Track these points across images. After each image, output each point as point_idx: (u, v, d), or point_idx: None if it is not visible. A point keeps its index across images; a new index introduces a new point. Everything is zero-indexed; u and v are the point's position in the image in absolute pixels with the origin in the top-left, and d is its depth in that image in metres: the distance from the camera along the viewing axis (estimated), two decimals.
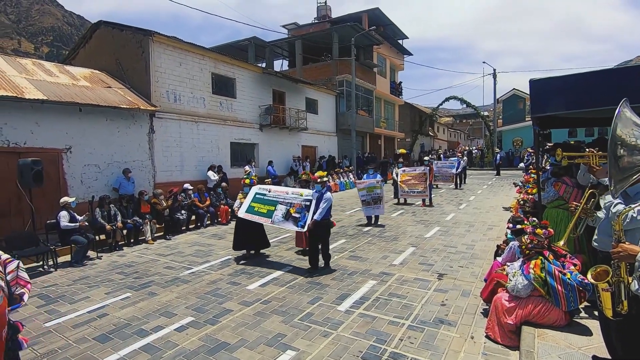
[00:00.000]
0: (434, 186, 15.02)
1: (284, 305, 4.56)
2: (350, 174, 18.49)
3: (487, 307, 3.93)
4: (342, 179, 17.63)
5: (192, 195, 9.92)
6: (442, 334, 3.70)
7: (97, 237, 7.45)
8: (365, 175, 10.56)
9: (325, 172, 6.44)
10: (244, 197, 6.81)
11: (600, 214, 2.95)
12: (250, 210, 6.46)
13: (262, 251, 6.99)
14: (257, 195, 6.60)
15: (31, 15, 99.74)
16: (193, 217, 9.78)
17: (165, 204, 9.03)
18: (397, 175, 12.56)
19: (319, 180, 6.02)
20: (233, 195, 11.64)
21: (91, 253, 7.24)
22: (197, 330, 3.95)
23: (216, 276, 5.79)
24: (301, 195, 6.12)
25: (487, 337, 3.58)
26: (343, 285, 5.18)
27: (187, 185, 9.99)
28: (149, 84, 10.86)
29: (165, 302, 4.79)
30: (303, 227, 5.75)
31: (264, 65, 22.39)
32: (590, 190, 3.33)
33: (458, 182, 16.95)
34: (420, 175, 11.96)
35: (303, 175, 7.64)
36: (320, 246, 5.91)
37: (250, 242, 6.73)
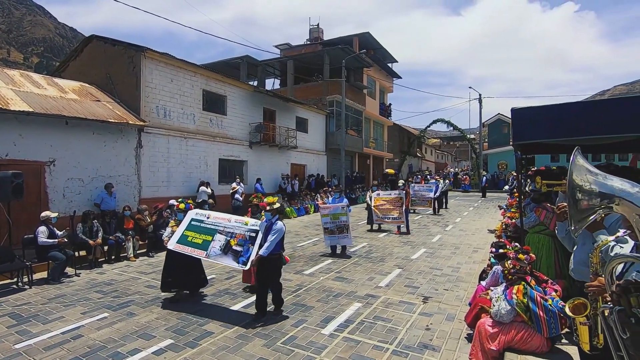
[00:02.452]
0: (411, 211, 14.20)
1: (267, 327, 4.46)
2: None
3: (472, 332, 3.92)
4: (330, 198, 17.65)
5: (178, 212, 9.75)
6: None
7: (76, 254, 7.23)
8: (330, 199, 9.17)
9: (277, 198, 5.18)
10: (177, 225, 5.61)
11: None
12: (182, 240, 5.29)
13: (199, 290, 5.77)
14: (192, 222, 5.46)
15: (22, 26, 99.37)
16: None
17: (149, 220, 8.85)
18: (370, 200, 11.46)
19: (268, 207, 4.93)
20: (220, 211, 11.52)
21: (69, 270, 7.00)
22: (175, 354, 3.82)
23: (198, 296, 5.64)
24: (246, 224, 5.14)
25: None
26: (328, 307, 5.12)
27: (172, 201, 9.82)
28: (139, 99, 10.85)
29: (144, 323, 4.63)
30: (245, 264, 4.74)
31: (255, 83, 22.68)
32: None
33: (436, 207, 15.82)
34: (396, 200, 10.90)
35: (254, 199, 6.01)
36: (270, 287, 4.90)
37: (185, 280, 5.47)
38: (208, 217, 5.46)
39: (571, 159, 1.04)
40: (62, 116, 8.58)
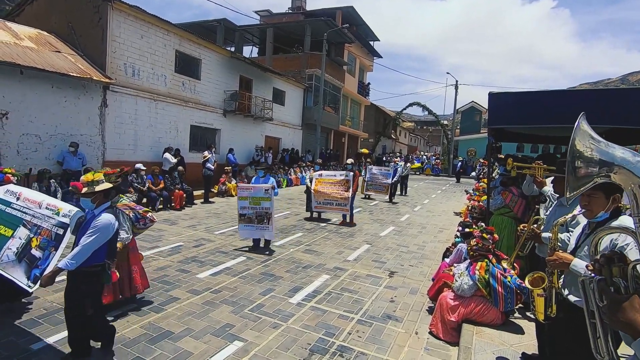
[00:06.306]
0: (366, 196, 13.48)
1: (235, 295, 4.46)
2: (311, 169, 18.54)
3: (433, 305, 4.11)
4: (303, 173, 17.66)
5: (145, 177, 9.39)
6: (388, 329, 3.82)
7: None
8: (254, 178, 7.21)
9: (101, 174, 3.11)
10: None
11: (546, 235, 3.05)
12: None
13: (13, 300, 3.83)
14: None
15: None
16: (144, 200, 9.26)
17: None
18: (311, 181, 9.38)
19: (84, 189, 2.96)
20: (190, 180, 11.21)
21: None
22: (139, 318, 3.74)
23: (165, 262, 5.53)
24: (57, 212, 3.12)
25: (430, 333, 3.74)
26: (297, 278, 5.18)
27: (139, 166, 9.42)
28: (105, 53, 10.08)
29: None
30: (34, 282, 2.96)
31: (232, 49, 21.72)
32: (535, 217, 3.28)
33: (392, 193, 13.57)
34: (341, 183, 9.02)
35: (89, 174, 3.10)
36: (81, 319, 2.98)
37: None
38: (18, 198, 3.41)
39: (575, 125, 1.02)
40: (16, 65, 7.83)
